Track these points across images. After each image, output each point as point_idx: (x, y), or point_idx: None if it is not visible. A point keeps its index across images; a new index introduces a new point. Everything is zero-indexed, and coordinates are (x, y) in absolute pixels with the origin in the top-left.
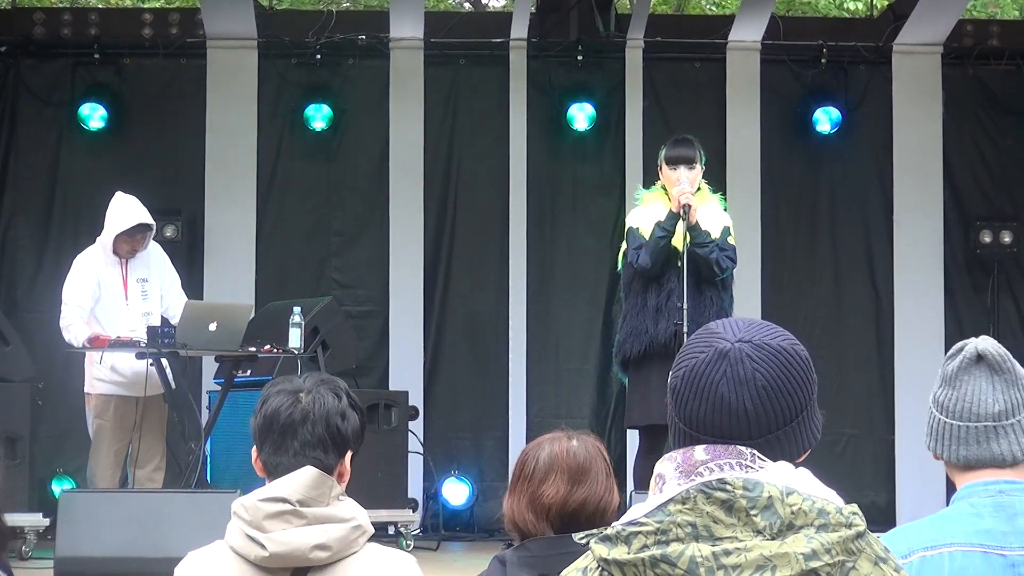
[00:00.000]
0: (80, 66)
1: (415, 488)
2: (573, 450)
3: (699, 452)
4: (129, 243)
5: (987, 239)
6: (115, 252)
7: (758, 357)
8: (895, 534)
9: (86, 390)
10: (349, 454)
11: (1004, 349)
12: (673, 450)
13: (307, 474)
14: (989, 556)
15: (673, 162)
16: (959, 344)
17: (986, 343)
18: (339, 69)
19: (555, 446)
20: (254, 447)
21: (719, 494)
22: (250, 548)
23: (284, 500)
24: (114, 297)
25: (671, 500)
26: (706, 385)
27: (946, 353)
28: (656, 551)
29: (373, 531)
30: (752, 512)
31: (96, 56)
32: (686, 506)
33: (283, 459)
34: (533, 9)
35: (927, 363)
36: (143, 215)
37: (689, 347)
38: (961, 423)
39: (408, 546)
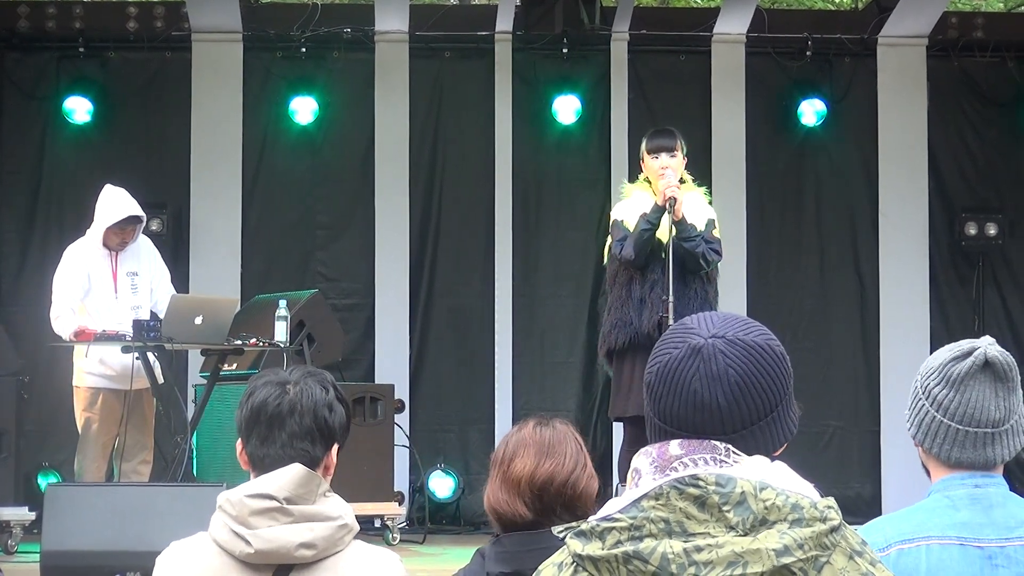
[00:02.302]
0: (65, 59)
1: (401, 481)
2: (540, 430)
3: (674, 447)
4: (119, 236)
5: (972, 231)
6: (105, 245)
7: (731, 353)
8: (871, 527)
9: (74, 383)
10: (335, 447)
11: (1010, 356)
12: (649, 445)
13: (295, 471)
14: (966, 548)
15: (654, 151)
16: (967, 346)
17: (994, 349)
18: (324, 62)
19: (523, 430)
20: (239, 440)
21: (691, 490)
22: (235, 544)
23: (271, 497)
24: (104, 290)
25: (645, 496)
26: (679, 381)
27: (931, 345)
28: (629, 547)
29: (359, 528)
30: (725, 508)
31: (81, 49)
32: (659, 502)
33: (270, 451)
34: (518, 2)
35: (912, 355)
36: (133, 208)
37: (663, 343)
38: (961, 427)
39: (394, 539)
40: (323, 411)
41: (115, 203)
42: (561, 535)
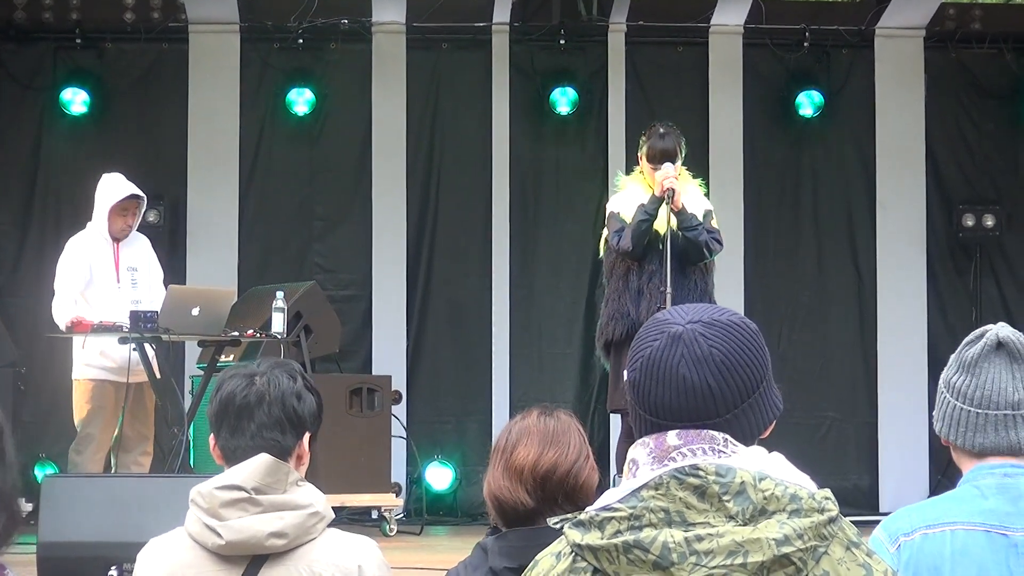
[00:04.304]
0: (61, 51)
1: (398, 472)
2: (544, 419)
3: (672, 437)
4: (123, 218)
5: (970, 223)
6: (110, 231)
7: (711, 335)
8: (899, 514)
9: (74, 376)
10: (307, 436)
11: (1023, 337)
12: (645, 436)
13: (261, 461)
14: (992, 536)
15: (653, 160)
16: (979, 331)
17: (1006, 330)
18: (321, 53)
19: (527, 419)
20: (211, 435)
21: (691, 480)
22: (207, 536)
23: (239, 488)
24: (106, 280)
25: (644, 486)
26: (666, 370)
27: (928, 336)
28: (629, 536)
29: (333, 516)
30: (725, 498)
31: (78, 41)
32: (659, 492)
33: (241, 442)
34: None
35: (910, 347)
36: (133, 187)
37: (641, 339)
38: (979, 410)
39: (391, 530)
40: (291, 400)
41: (115, 185)
42: (557, 526)
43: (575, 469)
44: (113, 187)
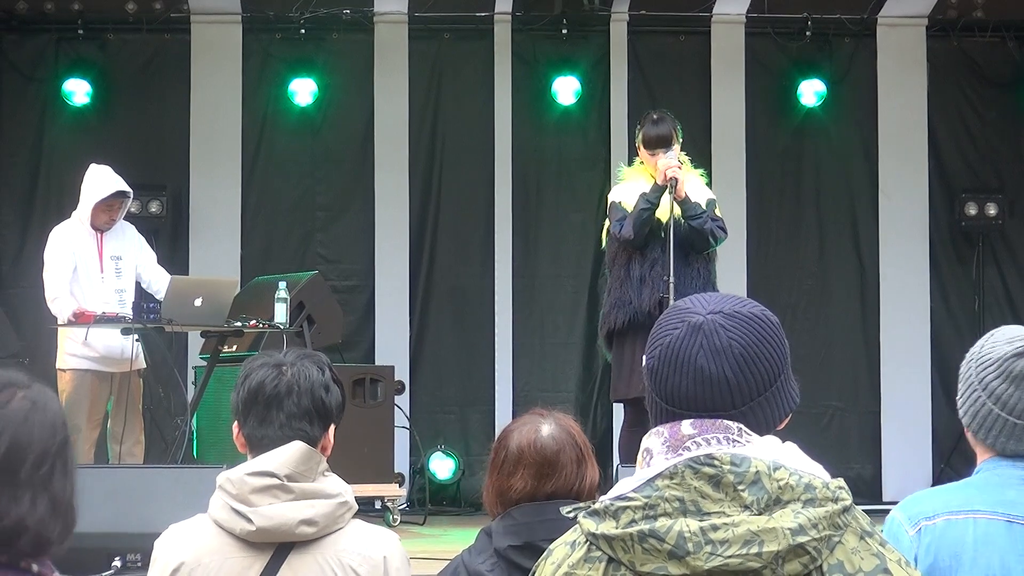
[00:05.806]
0: (64, 41)
1: (401, 463)
2: (541, 441)
3: (686, 426)
4: (107, 213)
5: (972, 211)
6: (93, 224)
7: (731, 326)
8: (919, 497)
9: (58, 366)
10: (332, 427)
11: None
12: (658, 425)
13: (295, 449)
14: (1013, 526)
15: (650, 146)
16: None
17: None
18: (323, 44)
19: (523, 436)
20: (235, 422)
21: (707, 469)
22: (236, 522)
23: (272, 474)
24: (90, 271)
25: (659, 475)
26: (684, 359)
27: (931, 325)
28: (644, 526)
29: (358, 508)
30: (740, 487)
31: (80, 31)
32: (674, 481)
33: (268, 431)
34: None
35: (912, 335)
36: (120, 183)
37: (661, 326)
38: (1020, 421)
39: (395, 521)
40: (320, 391)
41: (102, 180)
42: (571, 515)
43: (573, 493)
44: (99, 183)
